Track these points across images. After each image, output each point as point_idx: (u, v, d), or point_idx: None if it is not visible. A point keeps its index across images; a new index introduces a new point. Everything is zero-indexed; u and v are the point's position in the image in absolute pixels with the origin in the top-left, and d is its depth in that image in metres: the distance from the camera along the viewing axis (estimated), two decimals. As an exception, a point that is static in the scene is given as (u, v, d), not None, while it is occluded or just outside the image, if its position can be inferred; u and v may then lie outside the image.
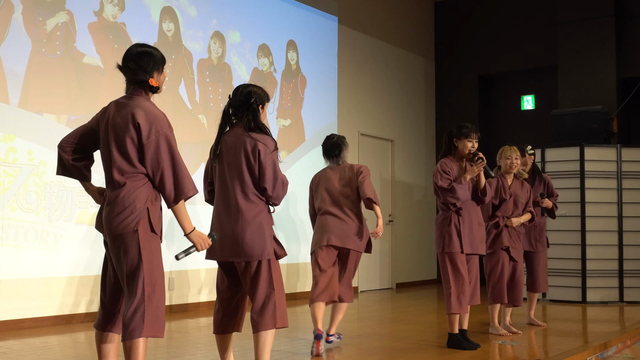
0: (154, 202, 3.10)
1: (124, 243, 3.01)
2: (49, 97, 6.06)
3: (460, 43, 11.41)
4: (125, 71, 3.20)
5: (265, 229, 3.56)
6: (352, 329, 6.14)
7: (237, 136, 3.62)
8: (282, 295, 3.57)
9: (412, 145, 10.98)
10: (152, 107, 3.14)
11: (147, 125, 3.05)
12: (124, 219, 3.01)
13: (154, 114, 3.10)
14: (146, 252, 3.01)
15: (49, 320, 5.92)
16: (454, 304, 4.90)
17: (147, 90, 3.20)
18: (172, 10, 7.22)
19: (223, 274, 3.70)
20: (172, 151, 3.08)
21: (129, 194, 3.04)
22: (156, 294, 3.01)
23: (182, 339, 5.39)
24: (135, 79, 3.16)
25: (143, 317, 2.95)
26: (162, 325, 3.03)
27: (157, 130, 3.05)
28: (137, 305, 2.95)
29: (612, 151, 8.54)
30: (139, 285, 2.97)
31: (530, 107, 11.07)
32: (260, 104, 3.70)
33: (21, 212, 5.79)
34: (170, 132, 3.10)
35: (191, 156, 7.22)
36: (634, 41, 9.69)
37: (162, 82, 3.27)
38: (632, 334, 5.94)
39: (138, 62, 3.16)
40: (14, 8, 5.84)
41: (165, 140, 3.06)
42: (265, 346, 3.51)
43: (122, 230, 3.01)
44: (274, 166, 3.56)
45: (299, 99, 8.78)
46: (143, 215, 3.03)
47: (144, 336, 2.95)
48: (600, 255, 8.38)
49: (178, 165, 3.07)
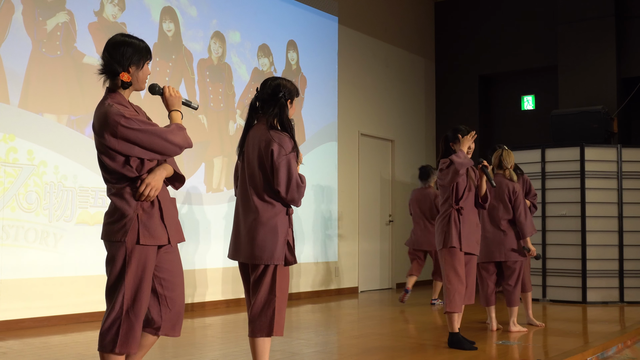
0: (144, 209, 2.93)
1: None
2: (49, 97, 6.06)
3: (460, 43, 11.41)
4: (102, 62, 2.96)
5: (279, 232, 3.39)
6: (352, 329, 6.14)
7: (258, 133, 3.48)
8: (284, 303, 3.44)
9: (412, 145, 10.98)
10: (102, 104, 2.89)
11: (97, 126, 2.88)
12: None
13: (100, 112, 2.87)
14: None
15: (49, 320, 5.92)
16: (453, 302, 4.93)
17: (119, 86, 2.94)
18: (172, 10, 7.21)
19: (242, 274, 3.62)
20: (128, 136, 2.83)
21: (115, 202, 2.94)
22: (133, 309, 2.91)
23: (187, 338, 5.39)
24: (106, 71, 2.93)
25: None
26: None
27: (105, 127, 2.84)
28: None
29: (612, 151, 8.53)
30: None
31: (531, 107, 11.07)
32: (289, 99, 3.51)
33: (21, 212, 5.79)
34: (122, 122, 2.81)
35: (191, 156, 7.22)
36: (634, 41, 9.69)
37: (141, 78, 2.98)
38: (632, 334, 5.94)
39: (112, 53, 2.92)
40: (14, 8, 5.84)
41: (118, 130, 2.82)
42: (263, 355, 3.43)
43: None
44: (288, 167, 3.37)
45: (300, 98, 8.78)
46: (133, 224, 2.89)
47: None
48: (600, 256, 8.37)
49: (147, 139, 2.85)
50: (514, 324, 5.83)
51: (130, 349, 2.89)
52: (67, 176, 6.12)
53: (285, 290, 3.46)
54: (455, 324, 4.98)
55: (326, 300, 8.45)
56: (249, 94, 7.99)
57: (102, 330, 2.89)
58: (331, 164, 9.19)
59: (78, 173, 6.21)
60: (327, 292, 8.93)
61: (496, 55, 11.00)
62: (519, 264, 5.84)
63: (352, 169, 9.59)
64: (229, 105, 7.78)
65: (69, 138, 6.16)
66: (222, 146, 7.62)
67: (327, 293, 8.91)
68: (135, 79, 2.97)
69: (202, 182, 7.38)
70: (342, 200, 9.29)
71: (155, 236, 2.92)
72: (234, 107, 7.84)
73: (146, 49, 3.00)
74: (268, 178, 3.42)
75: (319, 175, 8.90)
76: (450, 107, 11.45)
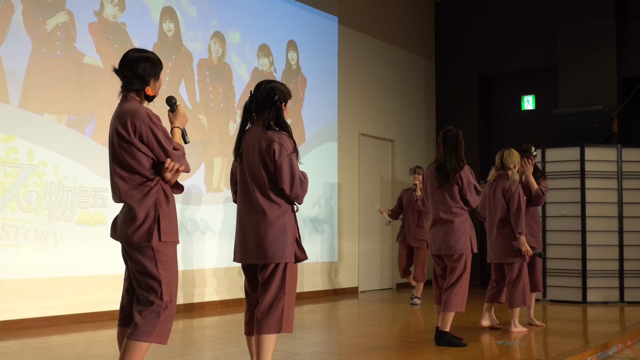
0: (164, 208, 3.11)
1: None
2: (49, 97, 6.06)
3: (460, 43, 11.40)
4: (122, 77, 3.16)
5: (288, 230, 3.47)
6: (352, 329, 6.14)
7: (255, 135, 3.54)
8: (292, 300, 3.50)
9: (412, 145, 10.98)
10: (135, 105, 3.12)
11: (131, 124, 3.05)
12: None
13: (133, 110, 3.08)
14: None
15: (49, 320, 5.92)
16: (461, 302, 5.03)
17: (142, 99, 3.17)
18: (172, 10, 7.21)
19: (247, 276, 3.65)
20: (158, 140, 3.09)
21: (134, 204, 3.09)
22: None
23: (186, 338, 5.38)
24: (131, 88, 3.14)
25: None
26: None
27: (140, 125, 3.06)
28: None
29: (612, 151, 8.53)
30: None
31: (531, 107, 11.07)
32: (284, 101, 3.62)
33: (21, 212, 5.78)
34: (153, 124, 3.07)
35: (191, 156, 7.22)
36: (634, 41, 9.69)
37: (157, 88, 3.22)
38: (632, 334, 5.94)
39: (134, 69, 3.12)
40: (14, 8, 5.84)
41: (150, 132, 3.07)
42: (268, 351, 3.44)
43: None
44: (291, 165, 3.45)
45: (299, 99, 8.78)
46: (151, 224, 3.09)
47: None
48: (600, 256, 8.37)
49: (169, 150, 3.13)
50: (514, 324, 5.79)
51: (166, 339, 3.09)
52: (67, 176, 6.12)
53: (294, 288, 3.52)
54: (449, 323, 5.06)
55: (326, 300, 8.45)
56: (248, 94, 7.97)
57: (138, 321, 3.03)
58: (331, 164, 9.18)
59: (78, 173, 6.21)
60: (327, 292, 8.93)
61: (496, 55, 11.00)
62: (517, 265, 5.78)
63: (352, 169, 9.59)
64: (229, 105, 7.78)
65: (69, 138, 6.16)
66: (222, 146, 7.62)
67: (327, 293, 8.91)
68: (155, 90, 3.20)
69: (202, 182, 7.38)
70: (342, 200, 9.29)
71: (174, 233, 3.15)
72: (234, 107, 7.83)
73: (159, 61, 3.22)
74: (272, 178, 3.47)
75: (319, 175, 8.90)
76: (450, 107, 11.45)
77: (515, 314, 5.79)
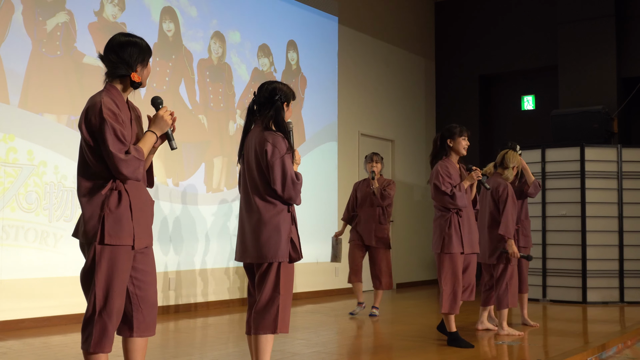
0: (111, 209, 2.85)
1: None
2: (49, 97, 6.06)
3: (460, 43, 11.41)
4: (106, 63, 2.95)
5: (282, 230, 3.46)
6: (352, 329, 6.14)
7: (255, 136, 3.56)
8: (288, 301, 3.47)
9: (412, 145, 10.98)
10: (98, 95, 2.86)
11: (85, 118, 2.87)
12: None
13: (91, 102, 2.85)
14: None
15: (49, 320, 5.92)
16: (448, 304, 4.99)
17: (128, 85, 2.95)
18: (172, 11, 7.21)
19: (249, 275, 3.66)
20: (103, 138, 2.81)
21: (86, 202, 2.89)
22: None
23: (183, 338, 5.39)
24: (116, 73, 2.92)
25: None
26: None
27: (91, 118, 2.84)
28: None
29: (612, 151, 8.53)
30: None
31: (531, 107, 11.07)
32: (285, 102, 3.61)
33: (21, 212, 5.79)
34: (102, 120, 2.80)
35: (191, 156, 7.22)
36: (634, 41, 9.69)
37: (145, 76, 3.00)
38: (632, 334, 5.94)
39: (120, 54, 2.92)
40: (14, 8, 5.84)
41: (99, 127, 2.83)
42: (265, 351, 3.44)
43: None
44: (282, 166, 3.43)
45: (299, 99, 8.78)
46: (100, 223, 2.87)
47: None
48: (600, 256, 8.37)
49: (111, 152, 2.80)
50: (502, 327, 5.63)
51: (103, 348, 2.88)
52: (67, 176, 6.12)
53: (289, 288, 3.50)
54: (452, 324, 5.06)
55: (326, 300, 8.45)
56: (249, 94, 7.99)
57: (81, 329, 2.93)
58: (331, 164, 9.18)
59: (78, 173, 6.20)
60: (327, 292, 8.93)
61: (496, 55, 11.00)
62: (502, 265, 5.67)
63: (352, 169, 9.59)
64: (229, 105, 7.78)
65: (69, 138, 6.16)
66: (222, 146, 7.62)
67: (327, 293, 8.91)
68: (142, 77, 2.98)
69: (202, 182, 7.38)
70: (342, 200, 9.29)
71: (121, 237, 2.87)
72: (234, 107, 7.84)
73: (148, 47, 3.02)
74: (267, 178, 3.48)
75: (319, 176, 8.90)
76: (450, 107, 11.45)
77: (503, 315, 5.66)
